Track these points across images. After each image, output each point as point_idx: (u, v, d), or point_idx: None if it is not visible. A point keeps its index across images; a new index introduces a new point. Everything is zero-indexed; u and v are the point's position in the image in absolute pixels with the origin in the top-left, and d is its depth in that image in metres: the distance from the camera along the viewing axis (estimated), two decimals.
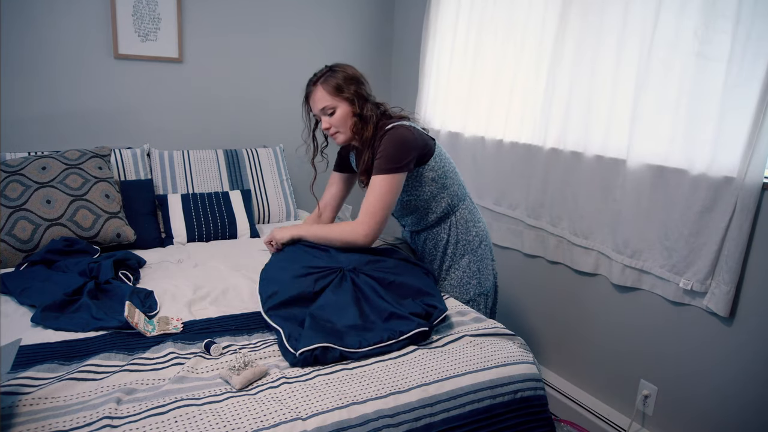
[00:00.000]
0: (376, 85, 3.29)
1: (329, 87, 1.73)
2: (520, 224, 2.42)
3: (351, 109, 1.74)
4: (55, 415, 1.09)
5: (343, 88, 1.73)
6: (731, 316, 1.67)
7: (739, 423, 1.68)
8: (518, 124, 2.39)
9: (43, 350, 1.35)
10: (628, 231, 1.93)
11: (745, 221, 1.59)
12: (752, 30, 1.54)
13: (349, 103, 1.74)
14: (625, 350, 2.02)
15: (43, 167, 2.08)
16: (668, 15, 1.74)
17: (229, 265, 2.00)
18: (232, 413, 1.12)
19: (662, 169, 1.81)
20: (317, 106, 1.76)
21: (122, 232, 2.13)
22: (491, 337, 1.50)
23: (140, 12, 2.55)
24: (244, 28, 2.84)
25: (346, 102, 1.74)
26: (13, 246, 1.93)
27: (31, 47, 2.38)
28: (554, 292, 2.31)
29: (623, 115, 1.92)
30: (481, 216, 1.93)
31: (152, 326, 1.48)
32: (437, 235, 1.85)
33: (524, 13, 2.30)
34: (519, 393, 1.35)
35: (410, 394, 1.24)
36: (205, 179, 2.59)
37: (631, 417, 1.99)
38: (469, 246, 1.85)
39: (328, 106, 1.74)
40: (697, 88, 1.69)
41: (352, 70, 1.79)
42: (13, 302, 1.63)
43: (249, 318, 1.58)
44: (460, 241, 1.84)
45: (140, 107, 2.66)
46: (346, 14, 3.12)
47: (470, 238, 1.85)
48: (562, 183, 2.19)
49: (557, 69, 2.15)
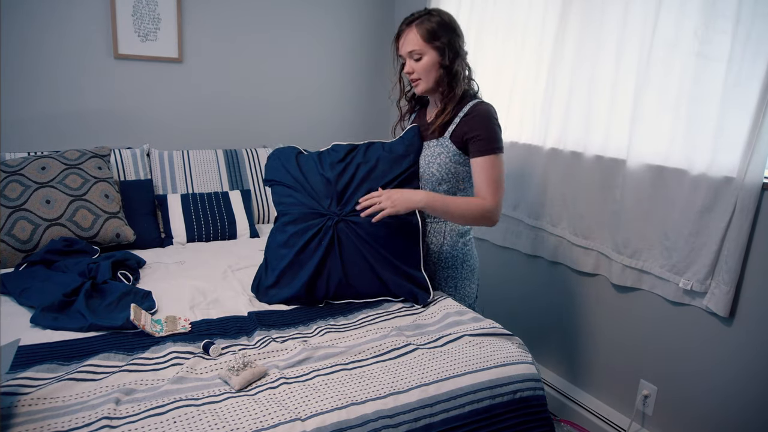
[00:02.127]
0: (377, 85, 3.31)
1: (422, 30, 1.65)
2: (520, 224, 2.42)
3: (439, 60, 1.67)
4: (54, 416, 1.09)
5: (438, 34, 1.65)
6: (731, 316, 1.67)
7: (739, 423, 1.68)
8: (518, 123, 2.39)
9: (42, 350, 1.35)
10: (628, 231, 1.93)
11: (745, 221, 1.59)
12: (752, 30, 1.54)
13: (439, 53, 1.66)
14: (625, 350, 2.02)
15: (43, 167, 2.08)
16: (668, 15, 1.74)
17: (229, 265, 2.00)
18: (231, 414, 1.12)
19: (662, 169, 1.81)
20: (405, 48, 1.69)
21: (122, 232, 2.13)
22: (490, 338, 1.50)
23: (140, 12, 2.55)
24: (244, 28, 2.84)
25: (436, 51, 1.66)
26: (12, 246, 1.93)
27: (31, 47, 2.38)
28: (554, 292, 2.30)
29: (623, 115, 1.92)
30: (473, 240, 1.87)
31: (160, 326, 1.48)
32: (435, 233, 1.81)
33: (524, 13, 2.30)
34: (518, 393, 1.35)
35: (410, 394, 1.24)
36: (204, 179, 2.59)
37: (631, 417, 1.99)
38: (450, 260, 1.80)
39: (417, 50, 1.66)
40: (697, 88, 1.69)
41: (449, 17, 1.69)
42: (13, 302, 1.63)
43: (249, 319, 1.58)
44: (444, 251, 1.79)
45: (140, 107, 2.66)
46: (345, 14, 3.12)
47: (455, 253, 1.80)
48: (562, 183, 2.19)
49: (557, 69, 2.15)
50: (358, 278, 1.69)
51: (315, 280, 1.68)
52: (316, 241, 1.69)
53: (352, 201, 1.72)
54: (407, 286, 1.70)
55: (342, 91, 3.22)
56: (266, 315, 1.61)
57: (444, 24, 1.66)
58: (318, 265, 1.67)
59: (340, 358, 1.36)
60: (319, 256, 1.67)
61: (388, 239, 1.70)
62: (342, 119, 3.25)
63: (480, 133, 1.65)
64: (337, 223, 1.70)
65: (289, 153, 1.90)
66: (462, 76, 1.70)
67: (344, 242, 1.69)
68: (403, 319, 1.61)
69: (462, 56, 1.71)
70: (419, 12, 1.69)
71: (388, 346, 1.43)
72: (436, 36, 1.65)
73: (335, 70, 3.16)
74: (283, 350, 1.40)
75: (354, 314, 1.64)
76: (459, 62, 1.69)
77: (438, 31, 1.65)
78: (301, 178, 1.81)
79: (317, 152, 1.87)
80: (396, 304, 1.71)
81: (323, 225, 1.70)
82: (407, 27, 1.69)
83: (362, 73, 3.25)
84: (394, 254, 1.70)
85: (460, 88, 1.69)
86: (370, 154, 1.80)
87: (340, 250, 1.69)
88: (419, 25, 1.66)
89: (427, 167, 1.75)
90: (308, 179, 1.79)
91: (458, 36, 1.69)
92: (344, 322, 1.59)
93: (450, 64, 1.67)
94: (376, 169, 1.77)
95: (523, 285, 2.46)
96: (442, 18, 1.67)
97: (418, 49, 1.67)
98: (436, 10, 1.70)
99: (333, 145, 1.88)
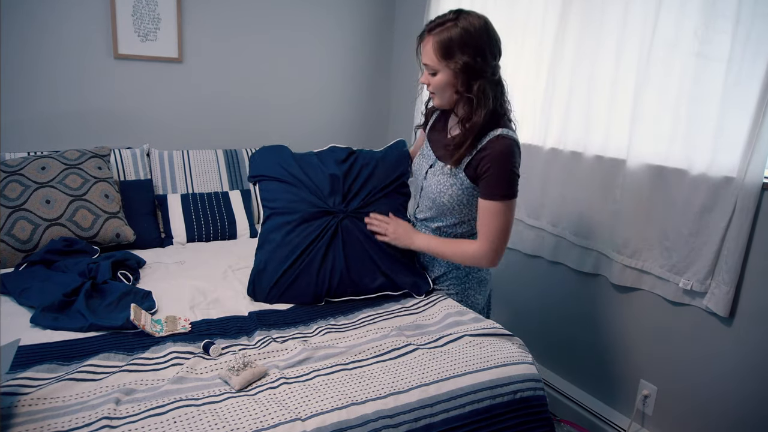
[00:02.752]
0: (377, 85, 3.31)
1: (438, 44, 1.45)
2: (520, 224, 2.42)
3: (454, 81, 1.48)
4: (54, 416, 1.08)
5: (454, 51, 1.44)
6: (731, 316, 1.67)
7: (739, 423, 1.68)
8: (518, 123, 2.38)
9: (42, 350, 1.34)
10: (628, 231, 1.93)
11: (745, 221, 1.59)
12: (752, 30, 1.54)
13: (453, 75, 1.47)
14: (625, 350, 2.02)
15: (43, 167, 2.08)
16: (668, 15, 1.74)
17: (229, 265, 2.00)
18: (232, 414, 1.12)
19: (662, 169, 1.81)
20: (422, 58, 1.51)
21: (122, 232, 2.13)
22: (490, 338, 1.50)
23: (140, 12, 2.55)
24: (244, 28, 2.84)
25: (451, 71, 1.47)
26: (12, 246, 1.93)
27: (31, 47, 2.38)
28: (554, 292, 2.30)
29: (623, 115, 1.92)
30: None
31: (160, 326, 1.48)
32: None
33: (524, 13, 2.30)
34: (519, 393, 1.35)
35: (410, 394, 1.24)
36: (204, 179, 2.59)
37: (631, 417, 1.99)
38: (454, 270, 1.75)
39: (430, 65, 1.49)
40: (697, 88, 1.69)
41: (477, 27, 1.44)
42: (13, 302, 1.63)
43: (249, 319, 1.58)
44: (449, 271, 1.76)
45: (140, 107, 2.66)
46: (346, 14, 3.12)
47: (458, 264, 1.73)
48: (562, 183, 2.19)
49: (557, 69, 2.15)
50: (360, 272, 1.71)
51: (318, 276, 1.69)
52: (321, 237, 1.70)
53: (357, 198, 1.76)
54: (410, 277, 1.74)
55: (342, 91, 3.21)
56: (266, 315, 1.60)
57: (466, 37, 1.44)
58: (322, 261, 1.69)
59: (340, 358, 1.36)
60: (323, 252, 1.69)
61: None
62: (342, 119, 3.25)
63: (492, 175, 1.49)
64: (342, 219, 1.73)
65: (282, 150, 1.90)
66: (484, 103, 1.47)
67: (348, 238, 1.72)
68: (404, 319, 1.61)
69: (487, 77, 1.48)
70: (444, 16, 1.48)
71: (388, 346, 1.43)
72: (450, 53, 1.45)
73: (336, 70, 3.16)
74: (284, 350, 1.40)
75: (354, 314, 1.64)
76: (481, 86, 1.46)
77: (455, 47, 1.44)
78: (301, 174, 1.80)
79: (314, 152, 1.89)
80: (396, 303, 1.71)
81: (329, 222, 1.72)
82: (427, 34, 1.50)
83: (363, 73, 3.25)
84: (395, 249, 1.74)
85: (480, 116, 1.47)
86: (369, 158, 1.86)
87: (344, 245, 1.71)
88: (438, 34, 1.46)
89: (438, 196, 1.63)
90: (310, 176, 1.80)
91: (483, 52, 1.46)
92: (344, 321, 1.59)
93: (466, 89, 1.48)
94: (377, 170, 1.82)
95: (524, 285, 2.46)
96: (467, 29, 1.44)
97: (431, 65, 1.50)
98: (465, 17, 1.46)
99: (330, 147, 1.90)
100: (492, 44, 1.49)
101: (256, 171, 1.90)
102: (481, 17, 1.49)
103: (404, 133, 3.13)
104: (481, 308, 1.84)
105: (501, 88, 1.54)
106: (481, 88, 1.47)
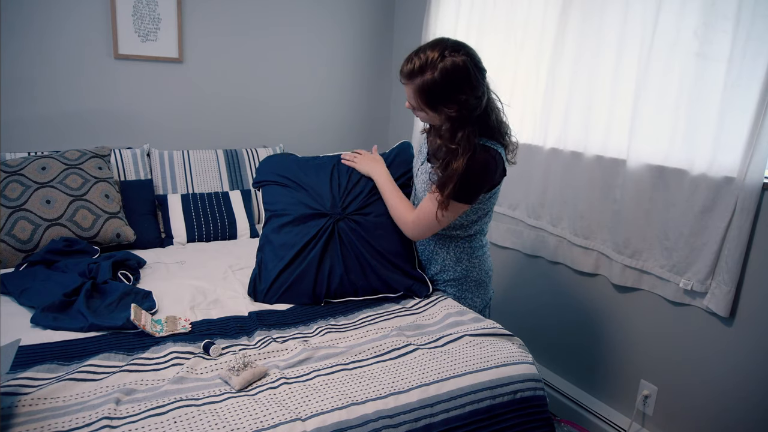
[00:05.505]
0: (377, 85, 3.31)
1: (418, 91, 1.44)
2: (520, 224, 2.42)
3: (439, 123, 1.52)
4: (55, 416, 1.09)
5: (437, 103, 1.43)
6: (731, 316, 1.67)
7: (739, 423, 1.68)
8: (518, 124, 2.38)
9: (42, 350, 1.35)
10: (628, 231, 1.93)
11: (745, 221, 1.59)
12: (752, 30, 1.54)
13: (439, 120, 1.50)
14: (625, 350, 2.02)
15: (43, 167, 2.08)
16: (668, 15, 1.74)
17: (230, 265, 2.00)
18: (232, 414, 1.12)
19: (662, 169, 1.81)
20: (407, 97, 1.52)
21: (122, 232, 2.13)
22: (490, 338, 1.50)
23: (140, 12, 2.55)
24: (244, 28, 2.84)
25: (437, 117, 1.49)
26: (12, 246, 1.93)
27: (31, 47, 2.38)
28: (554, 292, 2.30)
29: (623, 115, 1.92)
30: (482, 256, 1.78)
31: (160, 326, 1.48)
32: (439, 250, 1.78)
33: (524, 13, 2.30)
34: (519, 393, 1.35)
35: (410, 394, 1.24)
36: (205, 179, 2.59)
37: (631, 417, 1.99)
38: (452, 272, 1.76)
39: (415, 106, 1.51)
40: (697, 88, 1.69)
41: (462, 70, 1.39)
42: (13, 302, 1.63)
43: (249, 319, 1.58)
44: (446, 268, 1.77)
45: (140, 107, 2.66)
46: (345, 14, 3.12)
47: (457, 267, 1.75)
48: (562, 183, 2.19)
49: (557, 69, 2.15)
50: (358, 274, 1.72)
51: (317, 277, 1.69)
52: (317, 239, 1.72)
53: (356, 202, 1.78)
54: (406, 281, 1.74)
55: (343, 92, 3.21)
56: (267, 315, 1.61)
57: (444, 81, 1.40)
58: (319, 263, 1.69)
59: (340, 358, 1.36)
60: (320, 253, 1.70)
61: (386, 238, 1.74)
62: (342, 119, 3.25)
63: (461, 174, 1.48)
64: (338, 221, 1.74)
65: (287, 157, 1.98)
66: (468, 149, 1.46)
67: (344, 240, 1.73)
68: (404, 319, 1.61)
69: (472, 112, 1.46)
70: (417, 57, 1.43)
71: (388, 346, 1.43)
72: (434, 103, 1.45)
73: (336, 70, 3.16)
74: (284, 350, 1.40)
75: (354, 314, 1.64)
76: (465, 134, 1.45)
77: (435, 94, 1.42)
78: (301, 178, 1.85)
79: (313, 157, 1.94)
80: (396, 304, 1.71)
81: (325, 223, 1.73)
82: (405, 81, 1.48)
83: (364, 73, 3.25)
84: (391, 252, 1.74)
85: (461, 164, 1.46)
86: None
87: (341, 247, 1.72)
88: (415, 81, 1.44)
89: (423, 194, 1.71)
90: (310, 179, 1.83)
91: (467, 92, 1.42)
92: (345, 322, 1.59)
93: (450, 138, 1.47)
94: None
95: (524, 285, 2.46)
96: (452, 73, 1.39)
97: (416, 106, 1.51)
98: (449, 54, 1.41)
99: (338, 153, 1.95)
100: (475, 78, 1.44)
101: (259, 177, 1.95)
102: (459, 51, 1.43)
103: (405, 134, 3.13)
104: (479, 312, 1.83)
105: (492, 104, 1.55)
106: (464, 136, 1.46)
